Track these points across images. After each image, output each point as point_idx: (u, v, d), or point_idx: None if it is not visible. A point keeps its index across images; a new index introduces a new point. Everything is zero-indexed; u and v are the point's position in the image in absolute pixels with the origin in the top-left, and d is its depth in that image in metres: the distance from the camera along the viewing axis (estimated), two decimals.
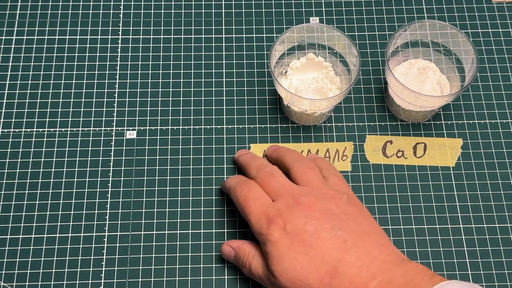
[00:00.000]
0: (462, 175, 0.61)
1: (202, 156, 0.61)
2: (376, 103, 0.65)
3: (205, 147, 0.62)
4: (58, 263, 0.56)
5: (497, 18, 0.69)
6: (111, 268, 0.56)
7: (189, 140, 0.62)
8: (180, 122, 0.63)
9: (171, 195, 0.59)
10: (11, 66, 0.66)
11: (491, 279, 0.56)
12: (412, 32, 0.61)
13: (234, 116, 0.63)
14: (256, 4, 0.70)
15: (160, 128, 0.63)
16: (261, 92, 0.65)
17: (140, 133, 0.62)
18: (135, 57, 0.67)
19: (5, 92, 0.64)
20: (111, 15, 0.69)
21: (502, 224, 0.59)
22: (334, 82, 0.62)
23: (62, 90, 0.65)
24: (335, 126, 0.63)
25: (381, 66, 0.67)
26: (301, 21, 0.69)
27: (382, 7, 0.70)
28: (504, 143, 0.62)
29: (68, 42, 0.67)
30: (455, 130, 0.63)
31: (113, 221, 0.58)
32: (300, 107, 0.59)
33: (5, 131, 0.62)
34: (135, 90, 0.65)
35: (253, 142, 0.62)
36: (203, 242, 0.57)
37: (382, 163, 0.61)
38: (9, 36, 0.67)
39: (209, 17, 0.69)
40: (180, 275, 0.56)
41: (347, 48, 0.60)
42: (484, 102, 0.65)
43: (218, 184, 0.60)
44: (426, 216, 0.59)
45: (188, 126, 0.63)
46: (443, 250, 0.57)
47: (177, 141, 0.62)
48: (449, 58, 0.62)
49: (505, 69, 0.66)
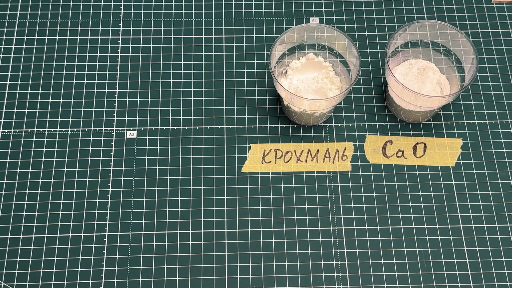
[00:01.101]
0: (462, 175, 0.61)
1: (202, 156, 0.61)
2: (376, 103, 0.65)
3: (205, 147, 0.62)
4: (58, 263, 0.56)
5: (497, 18, 0.69)
6: (112, 268, 0.56)
7: (189, 140, 0.62)
8: (180, 122, 0.63)
9: (171, 195, 0.59)
10: (12, 66, 0.66)
11: (491, 279, 0.56)
12: (412, 32, 0.61)
13: (234, 116, 0.64)
14: (256, 4, 0.70)
15: (160, 128, 0.63)
16: (261, 92, 0.65)
17: (141, 133, 0.62)
18: (135, 57, 0.67)
19: (5, 92, 0.64)
20: (112, 15, 0.69)
21: (502, 224, 0.59)
22: (334, 82, 0.62)
23: (62, 90, 0.65)
24: (335, 126, 0.63)
25: (381, 66, 0.67)
26: (301, 21, 0.69)
27: (382, 7, 0.70)
28: (504, 143, 0.62)
29: (69, 42, 0.67)
30: (455, 130, 0.63)
31: (114, 221, 0.58)
32: (300, 107, 0.59)
33: (5, 131, 0.62)
34: (136, 90, 0.65)
35: (253, 142, 0.62)
36: (203, 242, 0.57)
37: (382, 163, 0.61)
38: (10, 36, 0.68)
39: (209, 17, 0.69)
40: (180, 275, 0.56)
41: (347, 48, 0.60)
42: (484, 102, 0.65)
43: (218, 184, 0.60)
44: (426, 216, 0.59)
45: (188, 126, 0.63)
46: (443, 250, 0.57)
47: (177, 141, 0.62)
48: (449, 58, 0.62)
49: (505, 69, 0.66)
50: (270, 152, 0.62)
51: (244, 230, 0.58)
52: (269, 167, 0.61)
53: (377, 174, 0.61)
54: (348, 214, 0.59)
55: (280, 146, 0.62)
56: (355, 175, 0.61)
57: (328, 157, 0.62)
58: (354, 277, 0.56)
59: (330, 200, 0.59)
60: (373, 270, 0.56)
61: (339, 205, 0.59)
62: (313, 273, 0.56)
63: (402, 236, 0.58)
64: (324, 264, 0.57)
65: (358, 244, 0.57)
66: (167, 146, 0.62)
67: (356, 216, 0.59)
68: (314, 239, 0.58)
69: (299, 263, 0.57)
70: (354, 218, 0.59)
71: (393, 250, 0.57)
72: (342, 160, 0.62)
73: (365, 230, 0.58)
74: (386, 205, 0.59)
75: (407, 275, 0.56)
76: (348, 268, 0.56)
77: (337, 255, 0.57)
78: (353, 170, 0.61)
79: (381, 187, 0.60)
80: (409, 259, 0.57)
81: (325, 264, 0.57)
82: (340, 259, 0.57)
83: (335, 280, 0.56)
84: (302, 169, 0.61)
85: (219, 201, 0.59)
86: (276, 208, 0.59)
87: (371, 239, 0.58)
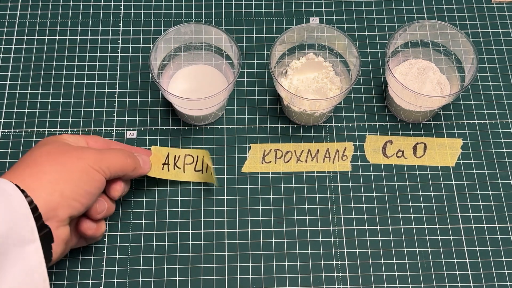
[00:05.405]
0: (462, 175, 0.61)
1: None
2: (376, 103, 0.65)
3: (205, 147, 0.62)
4: (58, 263, 0.56)
5: (497, 18, 0.69)
6: (112, 268, 0.56)
7: (189, 140, 0.62)
8: (180, 122, 0.63)
9: (171, 195, 0.59)
10: (12, 66, 0.66)
11: (491, 279, 0.56)
12: (412, 32, 0.61)
13: (234, 116, 0.64)
14: (256, 4, 0.70)
15: (160, 128, 0.63)
16: (261, 92, 0.65)
17: (140, 133, 0.62)
18: (135, 57, 0.67)
19: (5, 92, 0.64)
20: (112, 15, 0.69)
21: (502, 224, 0.59)
22: (334, 82, 0.62)
23: (62, 90, 0.65)
24: (335, 126, 0.63)
25: (381, 66, 0.67)
26: (301, 21, 0.69)
27: (382, 7, 0.70)
28: (504, 143, 0.62)
29: (69, 42, 0.67)
30: (455, 130, 0.63)
31: (114, 221, 0.58)
32: (300, 107, 0.59)
33: (5, 131, 0.62)
34: (135, 90, 0.65)
35: (253, 142, 0.62)
36: (203, 242, 0.57)
37: (382, 163, 0.61)
38: (10, 36, 0.68)
39: (209, 17, 0.69)
40: (180, 275, 0.56)
41: (347, 48, 0.60)
42: (484, 102, 0.65)
43: (218, 184, 0.60)
44: (426, 216, 0.59)
45: (188, 126, 0.63)
46: (443, 250, 0.57)
47: (177, 141, 0.62)
48: (449, 58, 0.62)
49: (505, 69, 0.66)
50: (270, 152, 0.62)
51: (244, 230, 0.58)
52: (269, 167, 0.61)
53: (377, 174, 0.61)
54: (348, 214, 0.59)
55: (280, 146, 0.62)
56: (355, 175, 0.61)
57: (328, 157, 0.62)
58: (354, 277, 0.56)
59: (330, 200, 0.59)
60: (373, 270, 0.56)
61: (339, 205, 0.59)
62: (313, 273, 0.56)
63: (402, 236, 0.58)
64: (324, 264, 0.57)
65: (358, 244, 0.57)
66: (167, 146, 0.62)
67: (356, 216, 0.59)
68: (314, 239, 0.58)
69: (299, 263, 0.57)
70: (354, 218, 0.59)
71: (393, 250, 0.57)
72: (342, 160, 0.62)
73: (365, 230, 0.58)
74: (386, 205, 0.59)
75: (407, 275, 0.56)
76: (348, 268, 0.56)
77: (337, 255, 0.57)
78: (353, 170, 0.61)
79: (381, 187, 0.60)
80: (409, 259, 0.57)
81: (325, 264, 0.57)
82: (340, 259, 0.57)
83: (335, 280, 0.56)
84: (302, 169, 0.61)
85: (219, 201, 0.59)
86: (276, 208, 0.59)
87: (371, 239, 0.58)
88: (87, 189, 0.49)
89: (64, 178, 0.48)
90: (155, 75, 0.58)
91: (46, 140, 0.52)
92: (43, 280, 0.44)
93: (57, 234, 0.47)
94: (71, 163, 0.49)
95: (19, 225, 0.43)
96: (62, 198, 0.47)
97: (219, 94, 0.56)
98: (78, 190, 0.48)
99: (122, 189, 0.53)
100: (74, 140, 0.53)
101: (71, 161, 0.49)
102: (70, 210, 0.47)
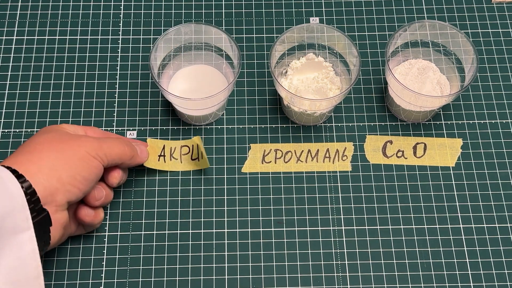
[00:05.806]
0: (462, 175, 0.61)
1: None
2: (376, 103, 0.65)
3: (205, 147, 0.62)
4: (58, 263, 0.56)
5: (497, 18, 0.69)
6: (112, 268, 0.56)
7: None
8: (180, 122, 0.63)
9: (171, 195, 0.59)
10: (12, 66, 0.66)
11: (491, 279, 0.56)
12: (412, 32, 0.61)
13: (234, 116, 0.64)
14: (256, 4, 0.70)
15: (160, 128, 0.63)
16: (261, 92, 0.65)
17: (140, 133, 0.62)
18: (135, 57, 0.67)
19: (5, 92, 0.64)
20: (112, 15, 0.69)
21: (502, 224, 0.59)
22: (334, 82, 0.62)
23: (62, 90, 0.65)
24: (335, 126, 0.63)
25: (381, 66, 0.67)
26: (301, 21, 0.69)
27: (382, 7, 0.70)
28: (504, 143, 0.62)
29: (69, 42, 0.67)
30: (455, 130, 0.63)
31: (114, 221, 0.58)
32: (300, 107, 0.59)
33: (5, 131, 0.62)
34: (135, 90, 0.65)
35: (253, 142, 0.62)
36: (203, 242, 0.57)
37: (382, 163, 0.61)
38: (10, 36, 0.68)
39: (209, 17, 0.69)
40: (180, 275, 0.56)
41: (347, 48, 0.60)
42: (484, 102, 0.65)
43: (218, 184, 0.60)
44: (426, 216, 0.59)
45: (188, 126, 0.63)
46: (443, 250, 0.57)
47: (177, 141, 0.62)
48: (449, 58, 0.62)
49: (505, 69, 0.66)
50: (270, 152, 0.62)
51: (244, 230, 0.58)
52: (269, 167, 0.61)
53: (377, 174, 0.61)
54: (348, 214, 0.59)
55: (280, 146, 0.62)
56: (355, 175, 0.61)
57: (328, 157, 0.62)
58: (354, 277, 0.56)
59: (330, 200, 0.59)
60: (373, 270, 0.56)
61: (339, 205, 0.59)
62: (313, 273, 0.56)
63: (402, 236, 0.58)
64: (324, 264, 0.57)
65: (358, 244, 0.57)
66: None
67: (356, 216, 0.59)
68: (314, 239, 0.58)
69: (299, 263, 0.57)
70: (354, 218, 0.59)
71: (393, 250, 0.57)
72: (342, 160, 0.62)
73: (365, 230, 0.58)
74: (386, 205, 0.59)
75: (407, 275, 0.56)
76: (348, 268, 0.56)
77: (337, 255, 0.57)
78: (353, 170, 0.61)
79: (381, 187, 0.60)
80: (409, 259, 0.57)
81: (325, 264, 0.57)
82: (340, 259, 0.57)
83: (335, 280, 0.56)
84: (302, 169, 0.61)
85: (219, 201, 0.59)
86: (276, 208, 0.59)
87: (371, 239, 0.58)
88: (85, 175, 0.50)
89: (63, 165, 0.49)
90: (155, 75, 0.58)
91: (47, 128, 0.54)
92: (35, 267, 0.45)
93: (56, 219, 0.48)
94: (70, 150, 0.50)
95: (14, 213, 0.44)
96: (60, 184, 0.48)
97: (219, 94, 0.57)
98: (76, 176, 0.49)
99: (120, 177, 0.55)
100: (74, 129, 0.54)
101: (70, 148, 0.50)
102: (68, 195, 0.48)
